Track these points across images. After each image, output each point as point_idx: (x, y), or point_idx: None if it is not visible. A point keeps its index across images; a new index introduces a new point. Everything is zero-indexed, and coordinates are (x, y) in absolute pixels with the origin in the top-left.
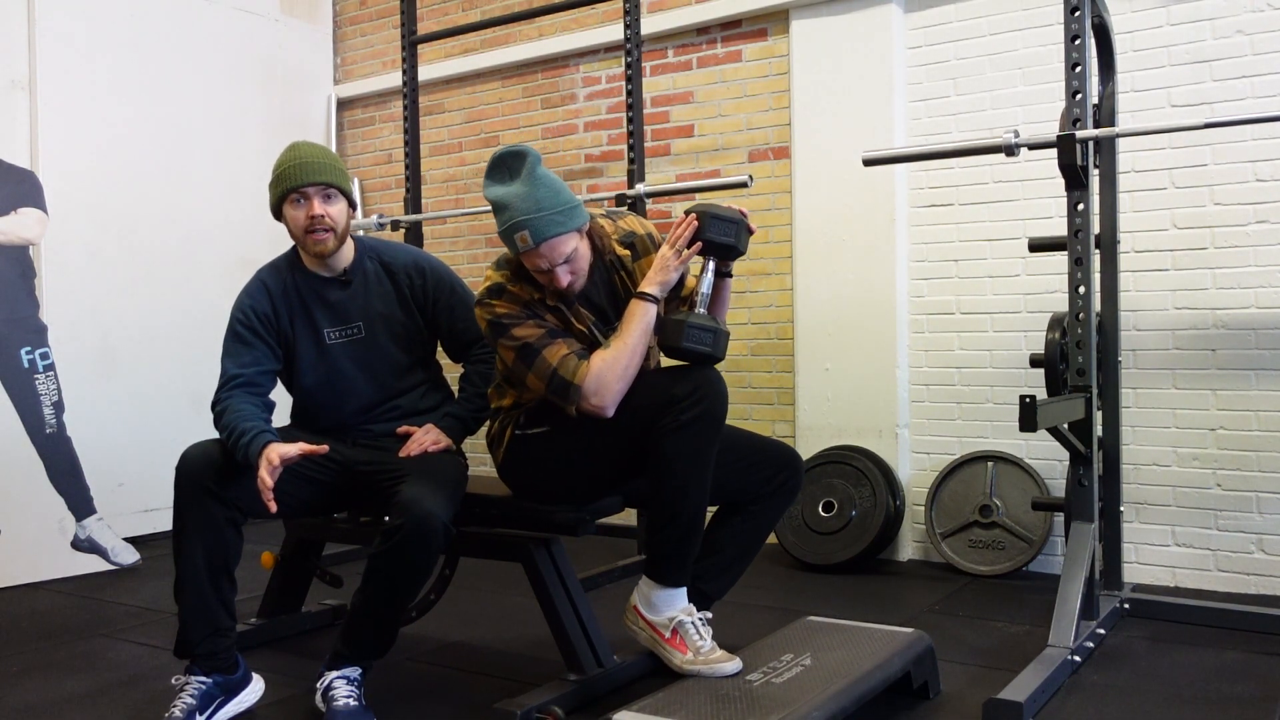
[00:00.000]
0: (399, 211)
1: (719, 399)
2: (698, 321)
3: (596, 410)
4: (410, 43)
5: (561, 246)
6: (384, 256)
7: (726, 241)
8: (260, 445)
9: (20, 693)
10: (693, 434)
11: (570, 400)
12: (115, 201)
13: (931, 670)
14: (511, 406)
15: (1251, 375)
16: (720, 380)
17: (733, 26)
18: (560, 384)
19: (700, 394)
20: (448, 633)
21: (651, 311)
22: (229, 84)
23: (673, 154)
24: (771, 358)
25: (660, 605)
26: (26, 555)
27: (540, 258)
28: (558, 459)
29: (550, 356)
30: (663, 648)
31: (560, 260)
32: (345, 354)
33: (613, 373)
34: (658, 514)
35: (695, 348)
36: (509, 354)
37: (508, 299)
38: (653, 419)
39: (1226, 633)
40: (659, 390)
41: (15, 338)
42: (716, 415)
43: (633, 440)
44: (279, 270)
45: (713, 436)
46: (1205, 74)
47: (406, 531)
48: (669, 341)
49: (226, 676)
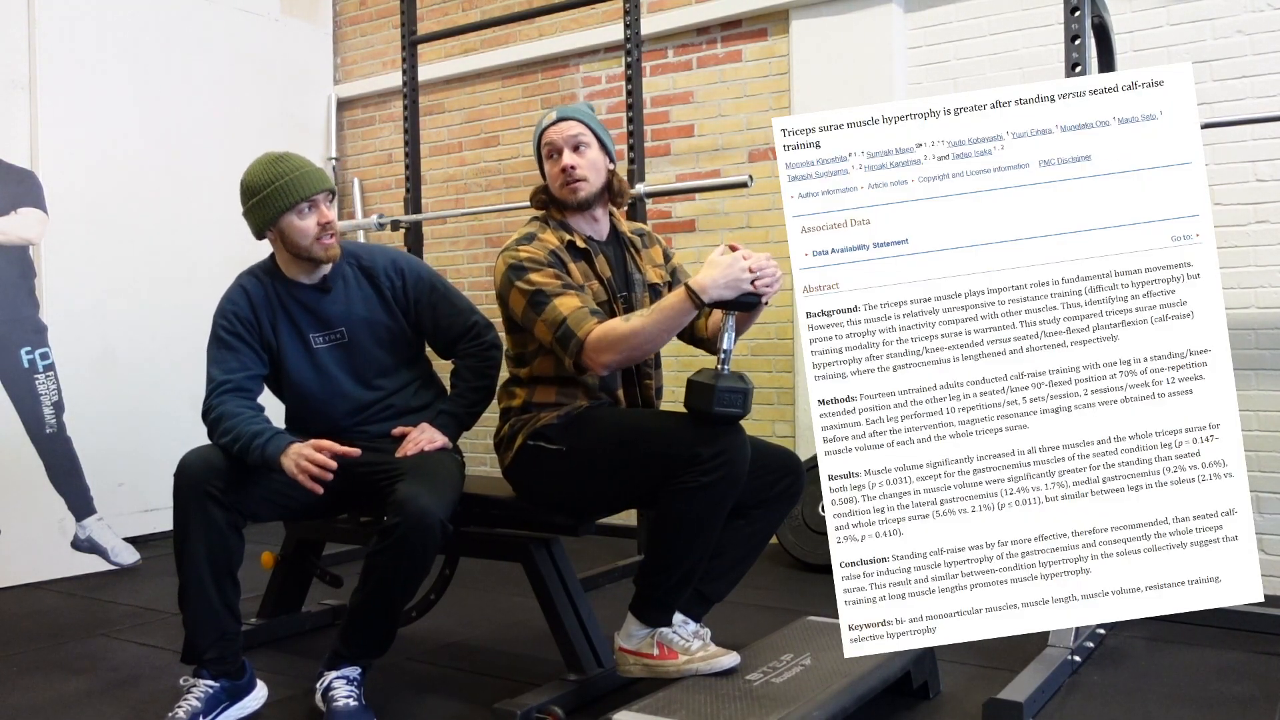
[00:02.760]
0: (399, 211)
1: (742, 464)
2: (727, 385)
3: (590, 366)
4: (410, 43)
5: (576, 129)
6: (363, 260)
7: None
8: (282, 444)
9: (20, 693)
10: (709, 497)
11: (569, 352)
12: (115, 201)
13: (931, 670)
14: (522, 408)
15: (1252, 375)
16: (745, 445)
17: (733, 26)
18: (566, 333)
19: (724, 459)
20: (448, 633)
21: (690, 314)
22: (229, 84)
23: (673, 154)
24: (771, 358)
25: (636, 632)
26: (26, 555)
27: (556, 132)
28: (568, 477)
29: (562, 306)
30: (655, 665)
31: (570, 141)
32: (332, 358)
33: (621, 341)
34: (656, 560)
35: (726, 411)
36: (520, 301)
37: (535, 245)
38: (672, 470)
39: (1226, 633)
40: (683, 443)
41: (15, 338)
42: (736, 480)
43: (648, 480)
44: (258, 277)
45: (728, 500)
46: (1205, 74)
47: (403, 530)
48: (698, 406)
49: (233, 681)
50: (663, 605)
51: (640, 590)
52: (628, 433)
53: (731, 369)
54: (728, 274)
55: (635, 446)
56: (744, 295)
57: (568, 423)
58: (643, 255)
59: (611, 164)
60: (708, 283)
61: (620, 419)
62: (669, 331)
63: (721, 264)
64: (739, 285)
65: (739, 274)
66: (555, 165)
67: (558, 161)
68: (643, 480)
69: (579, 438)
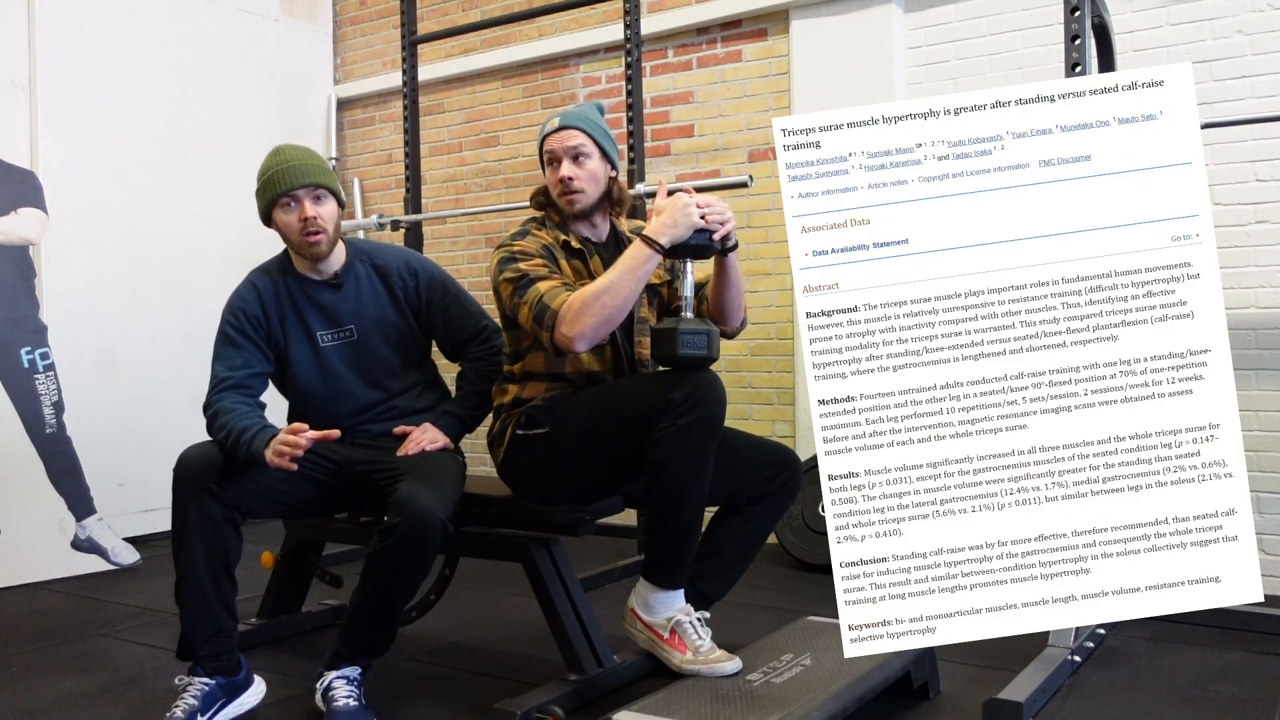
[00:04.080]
0: (399, 211)
1: (717, 402)
2: (689, 327)
3: (565, 342)
4: (410, 43)
5: (577, 139)
6: (376, 259)
7: (700, 242)
8: (266, 438)
9: (20, 693)
10: (690, 438)
11: (545, 325)
12: (115, 201)
13: (931, 670)
14: (512, 404)
15: (1252, 375)
16: (718, 383)
17: (733, 26)
18: (542, 308)
19: (697, 398)
20: (448, 633)
21: (652, 260)
22: (229, 84)
23: (673, 154)
24: (771, 358)
25: (657, 606)
26: (26, 555)
27: (556, 141)
28: (557, 460)
29: (542, 286)
30: (661, 648)
31: (570, 152)
32: (339, 356)
33: (593, 300)
34: (655, 517)
35: (691, 354)
36: (507, 288)
37: (529, 240)
38: (650, 423)
39: (1226, 633)
40: (656, 394)
41: (15, 338)
42: (714, 419)
43: (631, 443)
44: (270, 273)
45: (710, 440)
46: (1205, 74)
47: (404, 529)
48: (663, 352)
49: (229, 678)
50: (670, 563)
51: (649, 554)
52: (604, 400)
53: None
54: (675, 214)
55: (613, 409)
56: (696, 234)
57: (551, 405)
58: None
59: (613, 171)
60: (659, 226)
61: (597, 392)
62: (636, 283)
63: (668, 205)
64: (689, 222)
65: (687, 212)
66: (554, 173)
67: (557, 170)
68: (626, 442)
69: (562, 417)
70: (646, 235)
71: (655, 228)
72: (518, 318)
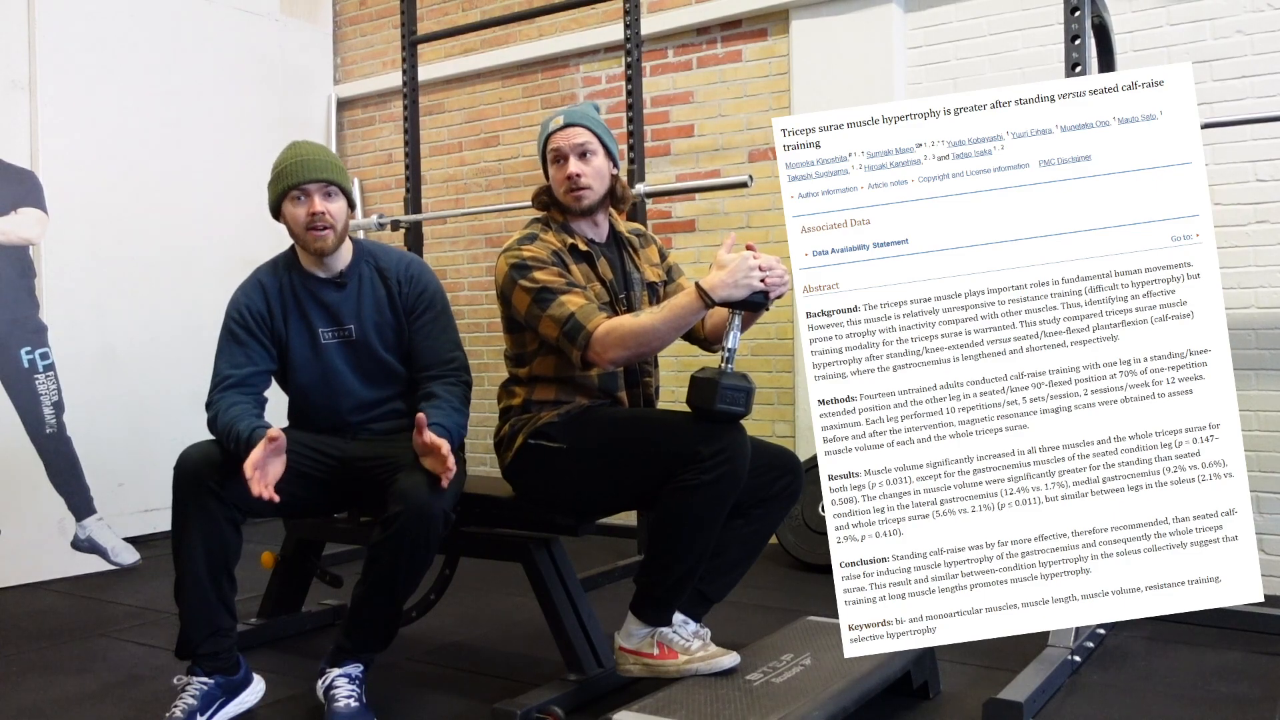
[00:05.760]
0: (399, 211)
1: (742, 463)
2: (731, 383)
3: (595, 361)
4: (410, 43)
5: (583, 136)
6: (380, 261)
7: (755, 300)
8: (259, 439)
9: (20, 693)
10: (709, 496)
11: (578, 344)
12: (115, 201)
13: (931, 670)
14: (522, 407)
15: (1252, 375)
16: (746, 444)
17: (733, 26)
18: (575, 326)
19: (725, 456)
20: (448, 633)
21: (700, 313)
22: (229, 84)
23: (673, 154)
24: (771, 358)
25: (637, 632)
26: (26, 555)
27: (563, 138)
28: (568, 476)
29: (569, 303)
30: (655, 664)
31: (577, 149)
32: (338, 354)
33: (631, 337)
34: (656, 558)
35: (728, 409)
36: (524, 298)
37: (538, 245)
38: (673, 468)
39: (1226, 633)
40: (684, 443)
41: (15, 338)
42: (737, 478)
43: (648, 482)
44: (276, 269)
45: (729, 499)
46: (1205, 74)
47: (405, 518)
48: (701, 403)
49: (228, 677)
50: (663, 604)
51: (640, 589)
52: (629, 430)
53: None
54: (738, 273)
55: (636, 444)
56: (753, 295)
57: (568, 421)
58: (640, 255)
59: (615, 168)
60: (718, 282)
61: (621, 417)
62: (677, 330)
63: (732, 263)
64: (750, 284)
65: (749, 273)
66: (560, 171)
67: (563, 168)
68: (643, 478)
69: (580, 436)
70: (702, 286)
71: (714, 283)
72: (538, 328)
